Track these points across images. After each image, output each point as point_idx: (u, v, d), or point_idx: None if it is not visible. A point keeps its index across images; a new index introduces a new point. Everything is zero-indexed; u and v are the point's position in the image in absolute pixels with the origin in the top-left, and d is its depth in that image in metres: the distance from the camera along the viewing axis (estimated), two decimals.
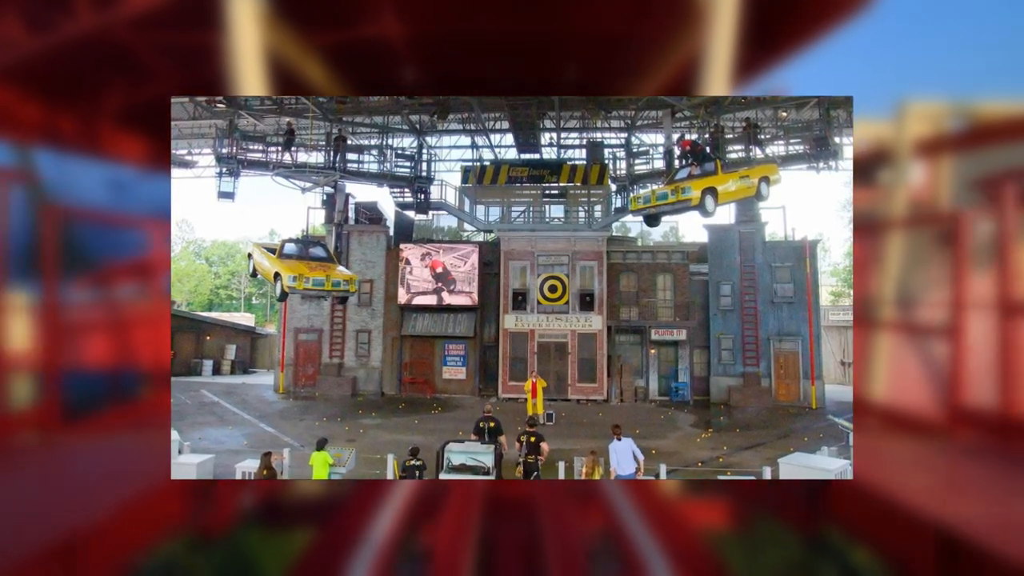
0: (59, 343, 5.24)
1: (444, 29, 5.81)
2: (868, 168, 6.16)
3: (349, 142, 20.78)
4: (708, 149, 12.98)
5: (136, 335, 6.12)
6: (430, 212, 22.18)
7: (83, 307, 5.43)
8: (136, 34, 5.26)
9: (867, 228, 6.34)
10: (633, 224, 25.08)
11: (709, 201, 10.66)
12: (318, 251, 12.35)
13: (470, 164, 23.44)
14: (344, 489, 7.21)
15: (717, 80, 5.63)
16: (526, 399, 16.46)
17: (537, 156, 23.09)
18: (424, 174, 20.97)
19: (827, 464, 9.84)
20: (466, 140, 25.12)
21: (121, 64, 5.54)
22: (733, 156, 18.37)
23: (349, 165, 20.23)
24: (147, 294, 6.39)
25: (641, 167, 20.84)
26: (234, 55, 5.32)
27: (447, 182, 22.04)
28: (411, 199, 20.88)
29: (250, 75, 5.43)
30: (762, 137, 18.92)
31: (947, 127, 5.47)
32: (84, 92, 5.56)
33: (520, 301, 20.36)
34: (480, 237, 23.21)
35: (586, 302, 20.05)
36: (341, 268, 12.83)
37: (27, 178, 5.11)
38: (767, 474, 10.08)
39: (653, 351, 20.67)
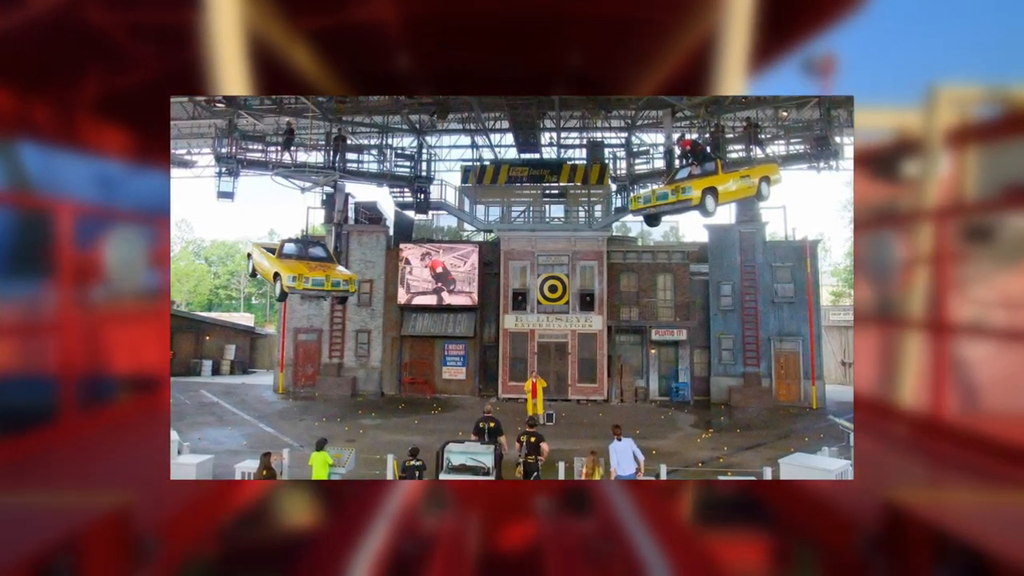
0: None
1: (440, 13, 5.47)
2: (884, 161, 5.90)
3: (349, 142, 20.75)
4: (708, 149, 12.96)
5: (110, 337, 5.90)
6: (430, 212, 22.14)
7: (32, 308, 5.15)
8: (108, 14, 4.90)
9: (887, 223, 6.09)
10: (633, 224, 25.06)
11: (709, 201, 10.64)
12: (318, 251, 12.32)
13: (470, 164, 23.41)
14: (344, 489, 7.19)
15: (731, 71, 5.31)
16: (526, 399, 16.43)
17: (537, 156, 23.07)
18: (424, 174, 20.94)
19: (828, 464, 9.81)
20: (466, 140, 25.10)
21: (94, 48, 5.15)
22: (733, 156, 18.36)
23: (349, 165, 20.20)
24: (131, 293, 6.13)
25: (641, 167, 20.82)
26: (214, 37, 4.97)
27: (447, 182, 22.04)
28: (411, 199, 20.84)
29: (232, 63, 5.08)
30: (762, 137, 18.89)
31: (976, 114, 5.17)
32: (57, 79, 5.18)
33: (520, 301, 20.34)
34: (480, 237, 23.18)
35: (586, 302, 20.02)
36: (341, 268, 12.81)
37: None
38: (768, 474, 10.05)
39: (653, 351, 20.64)
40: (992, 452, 4.64)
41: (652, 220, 12.34)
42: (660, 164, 19.62)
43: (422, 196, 20.69)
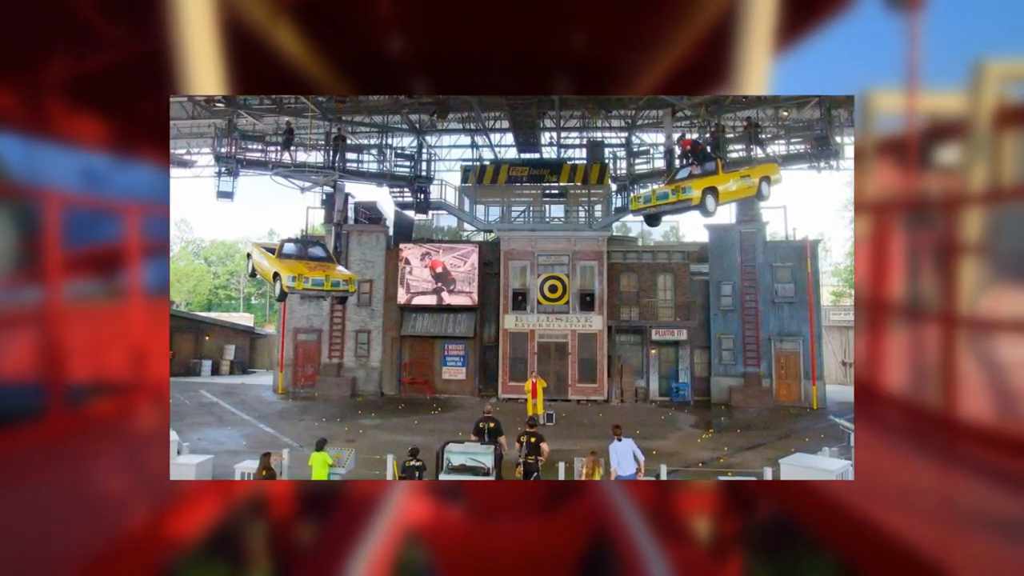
0: None
1: None
2: (912, 148, 5.61)
3: (348, 141, 20.73)
4: (709, 148, 12.95)
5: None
6: (430, 212, 22.11)
7: None
8: None
9: (919, 214, 5.77)
10: (633, 224, 25.05)
11: (710, 201, 10.63)
12: (317, 251, 12.31)
13: (470, 164, 23.39)
14: (344, 489, 7.17)
15: (750, 58, 4.91)
16: (526, 399, 16.40)
17: (537, 156, 23.05)
18: (424, 174, 20.90)
19: (828, 465, 9.79)
20: (466, 140, 25.09)
21: (59, 26, 4.69)
22: (734, 155, 18.33)
23: (348, 164, 20.18)
24: (109, 291, 5.88)
25: (641, 167, 20.79)
26: (186, 10, 4.55)
27: (447, 182, 22.01)
28: (411, 199, 20.80)
29: (207, 42, 4.62)
30: (763, 136, 18.88)
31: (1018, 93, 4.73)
32: (20, 60, 4.68)
33: (520, 301, 20.31)
34: (480, 237, 23.16)
35: (586, 302, 20.00)
36: (340, 268, 12.80)
37: None
38: (768, 475, 10.03)
39: (653, 351, 20.62)
40: None
41: (652, 220, 12.33)
42: (660, 164, 19.61)
43: (422, 196, 20.64)
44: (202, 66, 4.96)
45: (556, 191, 22.08)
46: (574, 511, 5.43)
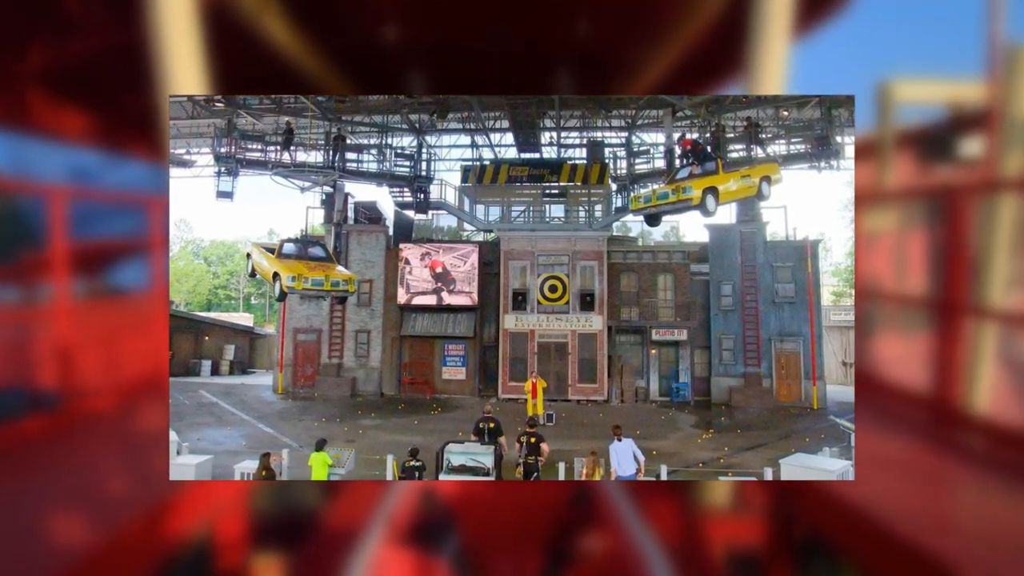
0: None
1: None
2: (938, 139, 5.47)
3: (348, 141, 20.71)
4: (709, 148, 12.94)
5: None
6: (430, 212, 22.08)
7: None
8: None
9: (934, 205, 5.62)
10: (634, 224, 25.04)
11: (710, 200, 10.62)
12: (317, 251, 12.30)
13: (470, 163, 23.37)
14: (344, 489, 7.15)
15: (764, 48, 4.72)
16: (526, 400, 16.38)
17: (537, 155, 23.03)
18: (424, 173, 20.88)
19: (829, 465, 9.78)
20: (466, 139, 25.08)
21: (39, 17, 4.46)
22: (734, 155, 18.31)
23: (348, 164, 20.16)
24: (88, 291, 5.72)
25: (642, 166, 20.76)
26: None
27: (447, 181, 21.99)
28: (411, 199, 20.77)
29: (188, 27, 4.38)
30: (763, 136, 18.86)
31: None
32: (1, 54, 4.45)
33: (520, 301, 20.29)
34: (480, 237, 23.14)
35: (586, 302, 19.98)
36: (340, 268, 12.79)
37: None
38: (768, 475, 10.02)
39: (654, 351, 20.60)
40: None
41: (652, 220, 12.31)
42: (660, 164, 19.59)
43: (422, 196, 20.62)
44: (186, 59, 4.76)
45: (556, 191, 22.05)
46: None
